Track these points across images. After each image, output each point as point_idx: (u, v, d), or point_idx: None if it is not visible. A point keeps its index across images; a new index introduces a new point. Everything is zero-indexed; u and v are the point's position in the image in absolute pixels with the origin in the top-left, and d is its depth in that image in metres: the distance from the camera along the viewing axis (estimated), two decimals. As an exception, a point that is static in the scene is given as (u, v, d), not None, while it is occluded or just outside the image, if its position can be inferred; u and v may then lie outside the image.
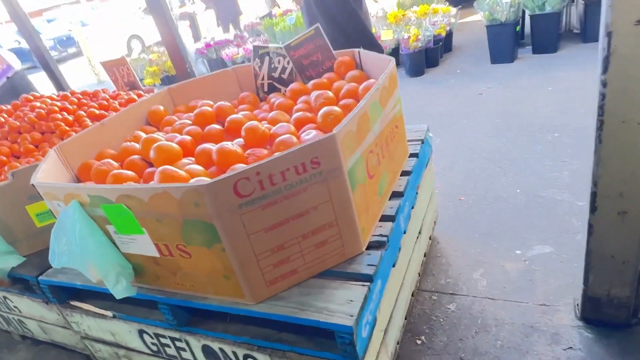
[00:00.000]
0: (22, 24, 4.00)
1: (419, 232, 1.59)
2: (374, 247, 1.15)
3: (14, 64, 3.46)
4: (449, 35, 4.83)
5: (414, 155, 1.57)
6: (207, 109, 1.55)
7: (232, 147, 1.18)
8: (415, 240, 1.53)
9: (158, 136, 1.40)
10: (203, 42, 6.79)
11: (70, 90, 2.20)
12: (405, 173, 1.46)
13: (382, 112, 1.25)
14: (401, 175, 1.45)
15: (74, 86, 4.37)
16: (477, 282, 1.68)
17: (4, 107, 2.17)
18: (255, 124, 1.28)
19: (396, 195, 1.35)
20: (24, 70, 3.88)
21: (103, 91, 2.21)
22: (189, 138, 1.39)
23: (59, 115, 1.89)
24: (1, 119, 2.00)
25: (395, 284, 1.27)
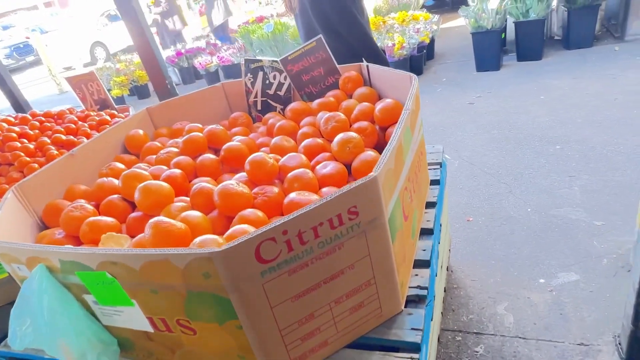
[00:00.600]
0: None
1: (440, 267, 1.42)
2: (412, 302, 0.97)
3: None
4: (432, 42, 4.75)
5: (435, 182, 1.40)
6: (197, 134, 1.33)
7: (238, 188, 0.97)
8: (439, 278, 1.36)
9: (140, 171, 1.17)
10: (173, 50, 6.47)
11: (30, 112, 1.89)
12: (430, 205, 1.29)
13: (411, 139, 1.07)
14: (426, 208, 1.28)
15: (33, 98, 3.89)
16: (503, 318, 1.53)
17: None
18: (262, 157, 1.07)
19: (425, 232, 1.18)
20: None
21: (70, 111, 1.92)
22: (179, 172, 1.17)
23: (18, 144, 1.58)
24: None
25: (432, 339, 1.09)
